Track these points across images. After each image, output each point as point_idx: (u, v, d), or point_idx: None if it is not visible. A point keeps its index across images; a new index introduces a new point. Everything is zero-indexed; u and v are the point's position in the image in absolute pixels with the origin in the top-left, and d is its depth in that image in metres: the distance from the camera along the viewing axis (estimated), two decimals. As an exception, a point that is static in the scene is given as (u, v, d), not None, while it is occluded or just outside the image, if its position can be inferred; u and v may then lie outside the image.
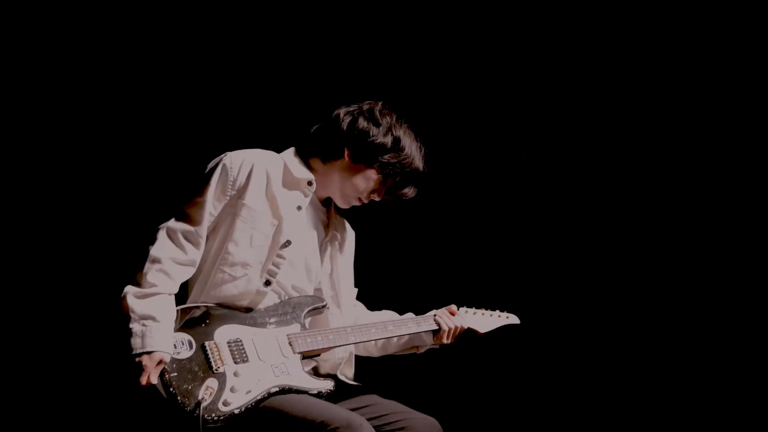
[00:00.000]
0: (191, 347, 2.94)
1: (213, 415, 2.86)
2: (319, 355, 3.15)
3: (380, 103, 3.23)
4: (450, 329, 3.26)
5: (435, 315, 3.29)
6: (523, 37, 4.67)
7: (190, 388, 2.87)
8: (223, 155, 3.12)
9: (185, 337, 2.94)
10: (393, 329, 3.22)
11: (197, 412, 2.83)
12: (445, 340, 3.29)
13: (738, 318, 4.63)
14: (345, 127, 3.17)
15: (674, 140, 4.70)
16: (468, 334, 3.31)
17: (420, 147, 3.23)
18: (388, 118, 3.19)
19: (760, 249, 4.64)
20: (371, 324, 3.22)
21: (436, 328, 3.27)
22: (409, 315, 3.35)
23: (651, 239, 4.73)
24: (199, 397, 2.86)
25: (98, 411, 4.22)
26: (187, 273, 3.02)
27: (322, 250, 3.27)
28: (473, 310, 3.37)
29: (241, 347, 2.98)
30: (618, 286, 4.71)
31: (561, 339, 4.69)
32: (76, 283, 4.25)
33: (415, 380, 3.74)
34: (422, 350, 3.36)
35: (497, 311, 3.42)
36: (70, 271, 4.26)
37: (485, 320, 3.36)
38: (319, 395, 3.01)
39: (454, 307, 3.33)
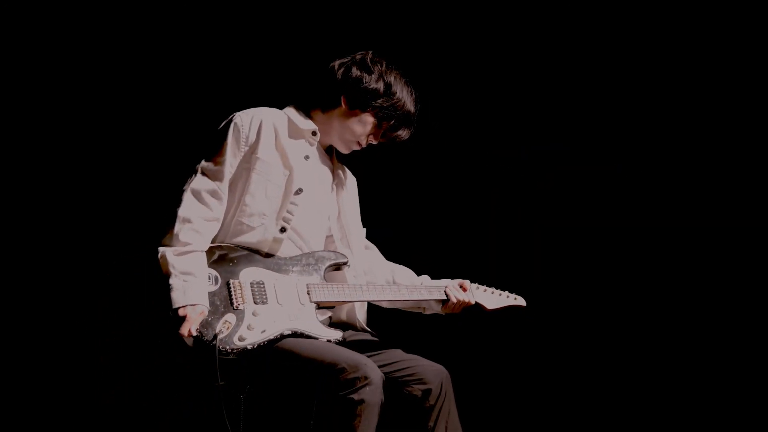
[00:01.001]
0: (216, 282, 3.10)
1: (227, 347, 3.00)
2: (333, 307, 3.32)
3: (371, 52, 3.39)
4: (458, 302, 3.41)
5: (446, 287, 3.43)
6: (523, 37, 4.68)
7: (209, 319, 3.03)
8: (231, 115, 3.26)
9: (212, 272, 3.11)
10: (406, 293, 3.39)
11: (213, 342, 2.97)
12: (451, 311, 3.45)
13: (738, 318, 4.64)
14: (340, 77, 3.34)
15: (674, 140, 4.71)
16: (476, 308, 3.46)
17: (411, 91, 3.38)
18: (379, 66, 3.36)
19: (760, 249, 4.64)
20: (386, 285, 3.40)
21: (445, 299, 3.42)
22: (425, 278, 3.50)
23: (651, 239, 4.74)
24: (217, 330, 3.01)
25: (98, 411, 4.23)
26: (215, 228, 3.18)
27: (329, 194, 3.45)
28: (484, 287, 3.52)
29: (262, 289, 3.14)
30: (618, 286, 4.72)
31: (561, 339, 4.69)
32: (76, 283, 4.26)
33: (421, 332, 3.84)
34: (428, 312, 3.52)
35: (506, 292, 3.55)
36: (70, 271, 4.27)
37: (494, 298, 3.51)
38: (327, 343, 3.14)
39: (466, 282, 3.47)
